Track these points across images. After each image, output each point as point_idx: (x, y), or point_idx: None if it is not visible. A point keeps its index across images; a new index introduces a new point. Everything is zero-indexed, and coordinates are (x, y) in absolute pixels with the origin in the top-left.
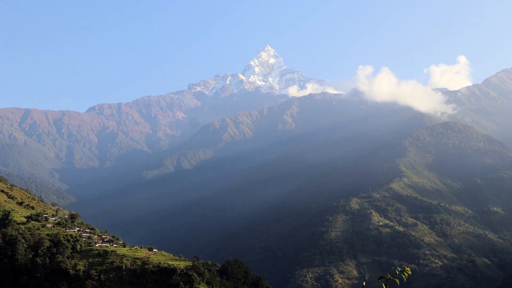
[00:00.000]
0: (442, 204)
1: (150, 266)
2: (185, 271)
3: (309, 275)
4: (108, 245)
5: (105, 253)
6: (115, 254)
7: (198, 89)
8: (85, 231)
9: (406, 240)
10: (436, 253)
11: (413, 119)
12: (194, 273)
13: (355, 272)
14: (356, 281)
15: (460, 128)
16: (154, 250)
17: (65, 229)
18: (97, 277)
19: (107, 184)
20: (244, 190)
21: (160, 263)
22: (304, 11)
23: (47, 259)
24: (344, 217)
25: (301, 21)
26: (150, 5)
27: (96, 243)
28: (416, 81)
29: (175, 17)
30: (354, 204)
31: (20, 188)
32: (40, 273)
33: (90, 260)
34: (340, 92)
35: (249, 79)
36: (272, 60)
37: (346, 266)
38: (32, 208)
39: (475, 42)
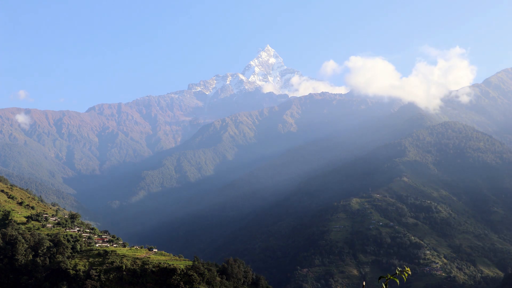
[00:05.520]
0: (442, 204)
1: (150, 266)
2: (185, 271)
3: (309, 275)
4: (108, 245)
5: (105, 253)
6: (115, 254)
7: (198, 89)
8: (85, 231)
9: (406, 240)
10: (436, 253)
11: (413, 119)
12: (194, 273)
13: (355, 272)
14: (356, 281)
15: (460, 128)
16: (154, 250)
17: (65, 229)
18: (97, 277)
19: (107, 184)
20: (244, 190)
21: (160, 263)
22: (305, 10)
23: (47, 259)
24: (344, 217)
25: (301, 21)
26: (150, 5)
27: (96, 243)
28: (416, 78)
29: (175, 17)
30: (354, 204)
31: (20, 188)
32: (40, 273)
33: (90, 260)
34: (338, 92)
35: (249, 79)
36: (272, 60)
37: (346, 266)
38: (32, 208)
39: (475, 41)
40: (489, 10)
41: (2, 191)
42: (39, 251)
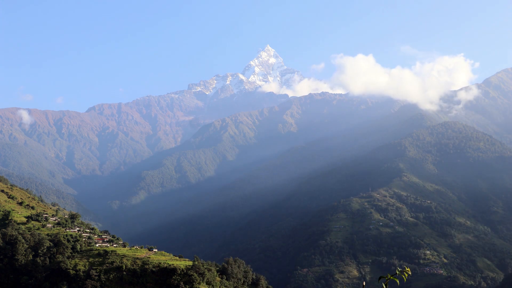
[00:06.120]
0: (442, 204)
1: (150, 266)
2: (185, 271)
3: (309, 275)
4: (108, 245)
5: (105, 253)
6: (115, 254)
7: (198, 89)
8: (85, 231)
9: (406, 240)
10: (436, 253)
11: (413, 119)
12: (194, 273)
13: (355, 272)
14: (356, 281)
15: (460, 128)
16: (154, 250)
17: (65, 229)
18: (97, 277)
19: (107, 185)
20: (244, 190)
21: (160, 263)
22: (305, 10)
23: (47, 259)
24: (344, 217)
25: (301, 21)
26: (150, 5)
27: (96, 243)
28: (416, 76)
29: (175, 17)
30: (354, 204)
31: (20, 188)
32: (40, 273)
33: (90, 260)
34: (340, 92)
35: (249, 79)
36: (272, 60)
37: (346, 266)
38: (32, 208)
39: (476, 41)
40: (489, 10)
41: (2, 191)
42: (39, 251)
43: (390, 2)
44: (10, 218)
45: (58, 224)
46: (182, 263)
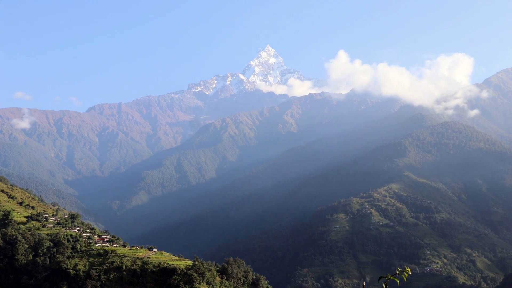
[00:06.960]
0: (442, 204)
1: (150, 266)
2: (185, 271)
3: (309, 275)
4: (108, 245)
5: (105, 253)
6: (115, 254)
7: (198, 89)
8: (85, 231)
9: (406, 240)
10: (436, 253)
11: (413, 119)
12: (194, 273)
13: (355, 272)
14: (356, 281)
15: (460, 128)
16: (154, 250)
17: (65, 229)
18: (97, 277)
19: (107, 185)
20: (244, 190)
21: (160, 263)
22: (304, 10)
23: (47, 259)
24: (344, 217)
25: (301, 21)
26: (150, 5)
27: (96, 243)
28: (416, 77)
29: (175, 17)
30: (354, 204)
31: (20, 188)
32: (40, 273)
33: (90, 260)
34: (340, 92)
35: (249, 79)
36: (272, 60)
37: (346, 266)
38: (32, 208)
39: (476, 41)
40: (490, 9)
41: (2, 191)
42: (39, 251)
43: (389, 3)
44: (10, 218)
45: (58, 224)
46: (182, 263)
